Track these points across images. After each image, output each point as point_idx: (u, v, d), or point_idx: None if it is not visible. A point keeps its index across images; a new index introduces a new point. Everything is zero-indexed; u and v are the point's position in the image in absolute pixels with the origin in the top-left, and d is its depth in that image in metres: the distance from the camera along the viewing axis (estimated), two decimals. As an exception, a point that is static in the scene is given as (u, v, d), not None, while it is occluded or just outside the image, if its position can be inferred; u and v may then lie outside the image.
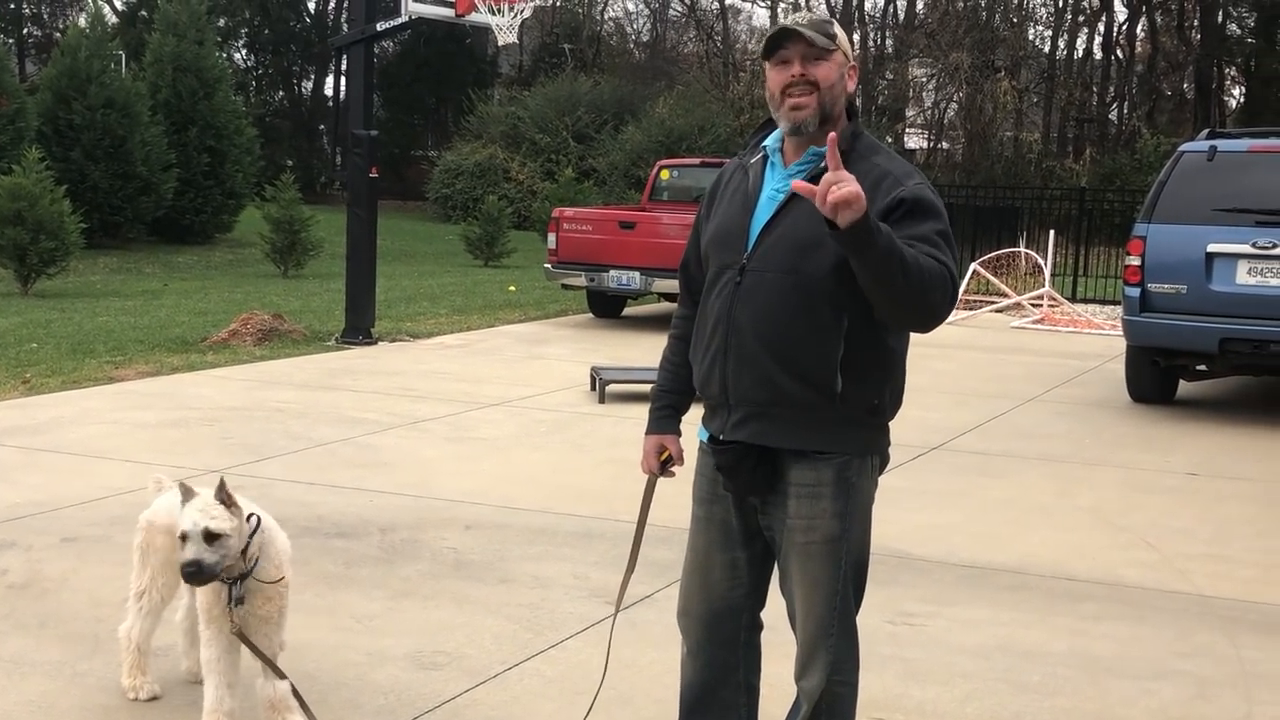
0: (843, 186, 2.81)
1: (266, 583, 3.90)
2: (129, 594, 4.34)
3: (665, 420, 3.56)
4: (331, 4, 49.43)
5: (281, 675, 3.98)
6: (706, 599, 3.46)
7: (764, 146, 3.35)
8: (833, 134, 2.92)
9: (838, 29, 3.25)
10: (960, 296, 17.52)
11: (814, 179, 3.09)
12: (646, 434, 3.57)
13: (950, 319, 16.89)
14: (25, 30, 46.96)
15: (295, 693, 4.03)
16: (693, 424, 3.51)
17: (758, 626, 3.54)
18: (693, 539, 3.49)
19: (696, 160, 19.12)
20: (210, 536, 3.70)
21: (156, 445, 8.11)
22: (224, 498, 3.75)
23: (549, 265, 15.52)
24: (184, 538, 3.73)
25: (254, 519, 3.86)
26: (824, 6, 43.70)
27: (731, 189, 3.38)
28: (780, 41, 3.19)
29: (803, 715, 3.40)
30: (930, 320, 3.10)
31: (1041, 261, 18.27)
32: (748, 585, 3.45)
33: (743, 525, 3.40)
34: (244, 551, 3.83)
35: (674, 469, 3.57)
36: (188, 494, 3.81)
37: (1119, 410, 10.39)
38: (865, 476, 3.32)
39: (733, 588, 3.44)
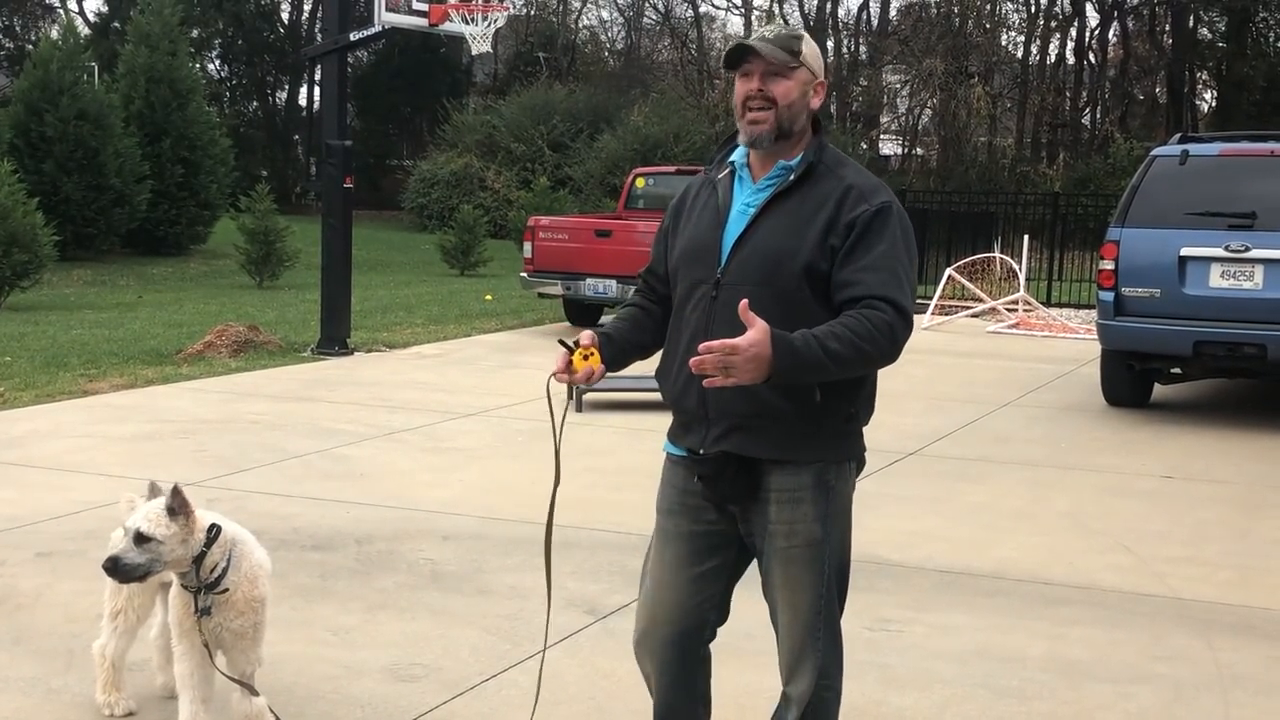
0: (731, 373, 2.94)
1: (242, 596, 3.88)
2: (104, 612, 4.31)
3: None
4: (305, 14, 49.32)
5: (254, 693, 3.95)
6: (676, 618, 3.44)
7: (731, 162, 3.36)
8: (744, 302, 2.98)
9: (805, 45, 3.24)
10: (936, 301, 17.64)
11: (782, 194, 3.22)
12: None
13: (926, 324, 16.96)
14: (-4, 42, 46.73)
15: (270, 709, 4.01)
16: (652, 431, 3.50)
17: (714, 637, 3.54)
18: (657, 554, 3.47)
19: (672, 168, 19.13)
20: (140, 538, 3.70)
21: (131, 458, 8.07)
22: (173, 505, 3.73)
23: (525, 274, 15.50)
24: (124, 532, 3.74)
25: (213, 529, 3.81)
26: (797, 14, 43.82)
27: (700, 204, 3.38)
28: (740, 56, 3.21)
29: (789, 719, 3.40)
30: (880, 367, 3.23)
31: (1016, 266, 18.32)
32: (716, 599, 3.46)
33: (713, 533, 3.39)
34: (198, 560, 3.78)
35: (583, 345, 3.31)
36: (153, 493, 3.84)
37: (1094, 414, 10.42)
38: (844, 480, 3.34)
39: (700, 603, 3.44)
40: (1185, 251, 9.91)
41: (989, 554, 6.41)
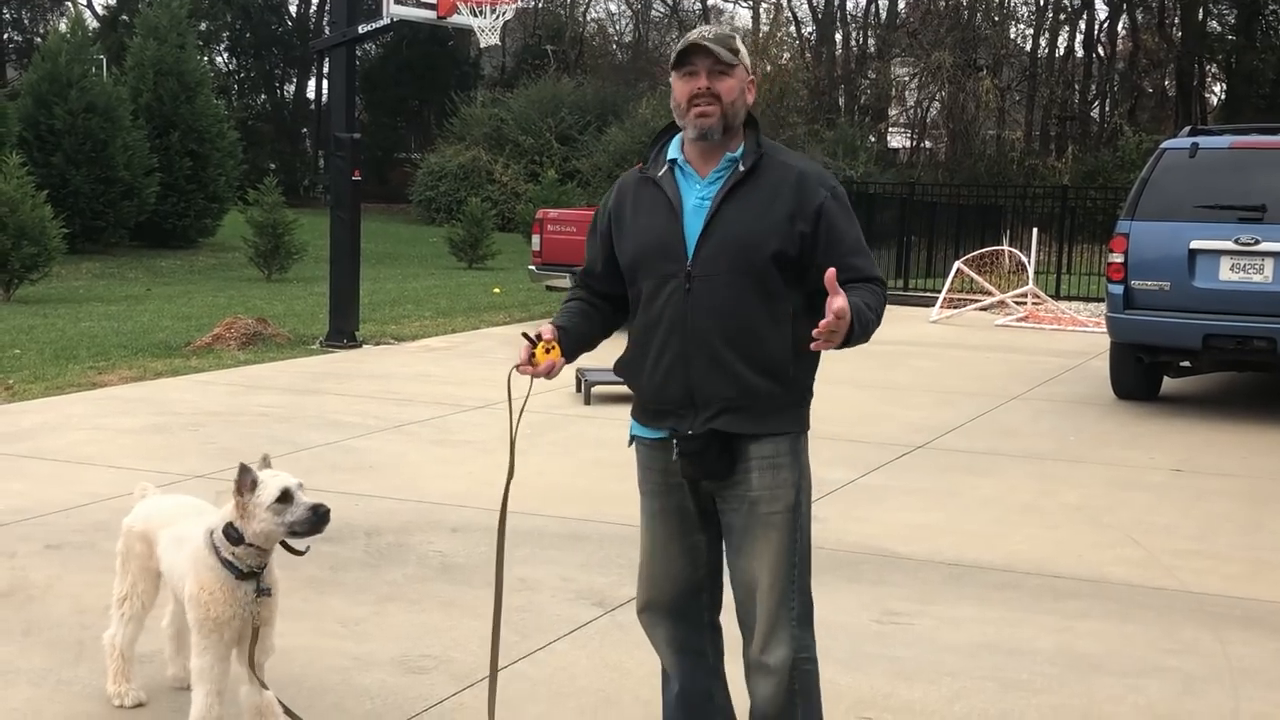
0: (835, 336, 3.14)
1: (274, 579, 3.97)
2: (112, 600, 4.33)
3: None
4: (313, 7, 49.35)
5: (264, 686, 3.97)
6: (672, 584, 3.56)
7: (672, 159, 3.47)
8: (831, 270, 3.15)
9: (740, 44, 3.43)
10: (944, 295, 17.62)
11: (737, 184, 3.37)
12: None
13: (934, 317, 16.94)
14: (5, 35, 46.81)
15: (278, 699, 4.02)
16: (619, 420, 3.50)
17: (718, 607, 3.64)
18: (650, 532, 3.58)
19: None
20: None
21: (140, 451, 8.08)
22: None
23: (533, 267, 15.51)
24: (288, 495, 3.78)
25: None
26: (805, 6, 43.78)
27: (646, 202, 3.47)
28: (688, 55, 3.36)
29: (771, 693, 3.43)
30: None
31: (1025, 259, 18.31)
32: (707, 566, 3.57)
33: (699, 509, 3.51)
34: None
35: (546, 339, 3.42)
36: (265, 464, 3.93)
37: (1103, 407, 10.41)
38: (806, 452, 3.52)
39: (695, 570, 3.56)
40: (1195, 244, 9.89)
41: (997, 547, 6.41)
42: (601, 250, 3.57)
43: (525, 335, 3.40)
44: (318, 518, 3.80)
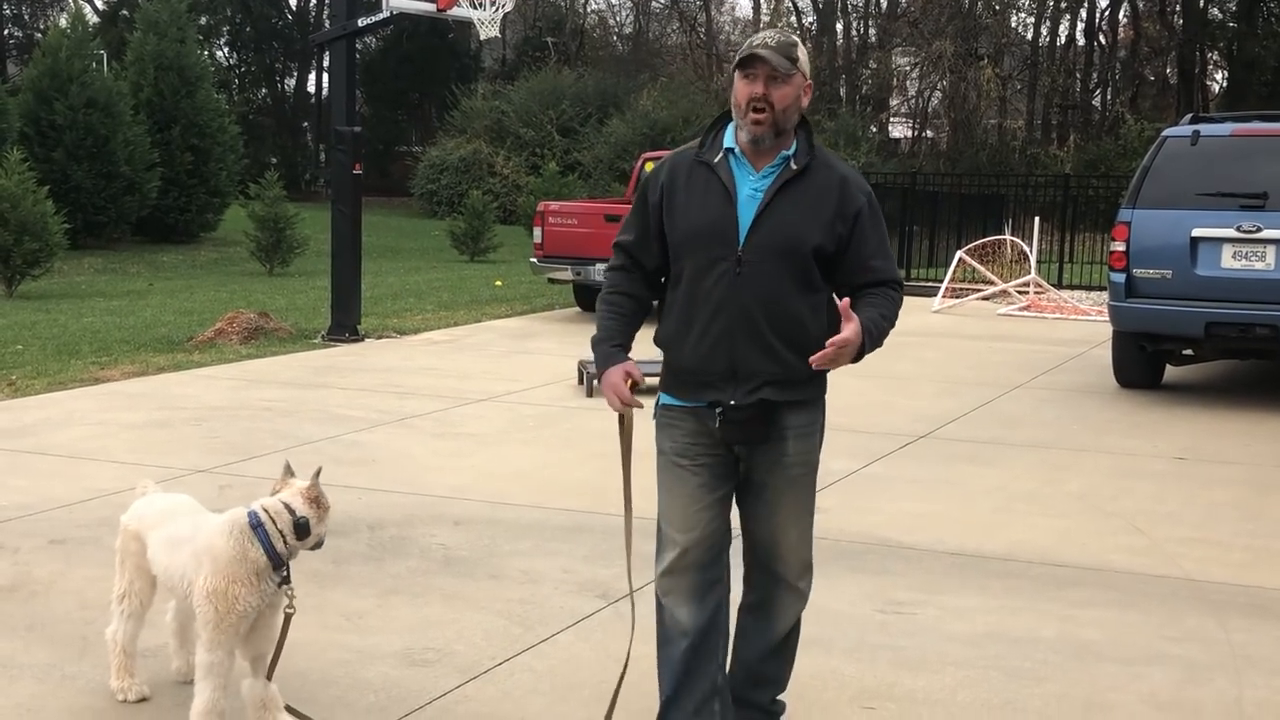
0: (839, 361, 3.53)
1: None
2: (112, 596, 4.34)
3: (618, 353, 3.81)
4: (313, 1, 49.30)
5: (269, 679, 3.99)
6: (704, 532, 3.72)
7: (729, 147, 3.69)
8: (846, 300, 3.54)
9: (800, 52, 3.63)
10: (946, 285, 17.61)
11: (789, 182, 3.64)
12: (604, 369, 3.76)
13: (936, 307, 16.92)
14: (6, 31, 46.79)
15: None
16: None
17: (728, 563, 3.83)
18: (680, 486, 3.74)
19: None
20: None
21: (143, 446, 8.09)
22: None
23: (535, 259, 15.51)
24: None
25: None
26: (807, -3, 43.67)
27: (701, 185, 3.68)
28: (750, 61, 3.58)
29: (797, 611, 3.90)
30: None
31: (1027, 248, 18.28)
32: (728, 520, 3.79)
33: (723, 463, 3.73)
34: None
35: (644, 389, 3.72)
36: (289, 470, 4.10)
37: (1106, 396, 10.40)
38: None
39: (723, 521, 3.77)
40: (1197, 232, 9.87)
41: (1001, 536, 6.41)
42: (653, 220, 3.75)
43: (622, 382, 3.70)
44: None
